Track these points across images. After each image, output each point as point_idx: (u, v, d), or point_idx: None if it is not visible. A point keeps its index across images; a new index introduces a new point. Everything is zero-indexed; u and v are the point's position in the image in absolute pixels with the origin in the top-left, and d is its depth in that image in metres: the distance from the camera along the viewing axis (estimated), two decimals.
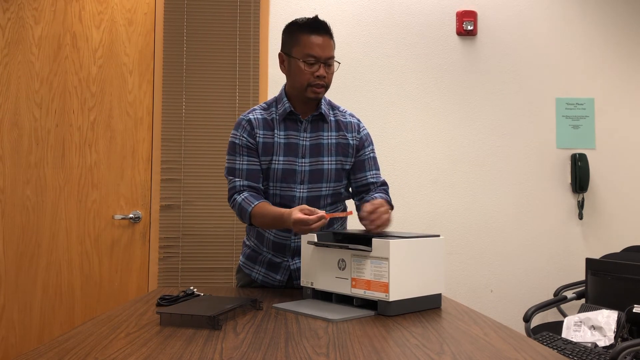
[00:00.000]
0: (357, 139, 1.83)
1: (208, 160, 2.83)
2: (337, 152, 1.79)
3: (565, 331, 2.34)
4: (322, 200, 1.80)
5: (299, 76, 1.73)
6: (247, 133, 1.78)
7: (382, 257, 1.38)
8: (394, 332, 1.22)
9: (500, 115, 3.00)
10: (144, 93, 2.88)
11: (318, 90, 1.72)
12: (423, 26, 2.99)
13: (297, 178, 1.76)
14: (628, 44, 3.06)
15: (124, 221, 2.84)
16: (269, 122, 1.78)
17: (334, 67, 1.76)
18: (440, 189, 2.96)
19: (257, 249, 1.87)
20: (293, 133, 1.78)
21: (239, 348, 1.07)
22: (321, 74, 1.71)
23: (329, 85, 1.76)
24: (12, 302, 2.77)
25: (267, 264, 1.85)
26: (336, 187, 1.82)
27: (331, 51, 1.73)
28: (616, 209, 3.01)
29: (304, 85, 1.72)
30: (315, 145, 1.78)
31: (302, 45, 1.71)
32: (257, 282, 1.87)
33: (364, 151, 1.85)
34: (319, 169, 1.77)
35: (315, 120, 1.80)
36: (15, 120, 2.83)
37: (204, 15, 2.88)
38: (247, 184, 1.75)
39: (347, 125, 1.83)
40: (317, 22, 1.73)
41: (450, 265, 2.94)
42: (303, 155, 1.77)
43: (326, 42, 1.71)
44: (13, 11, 2.85)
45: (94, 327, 1.25)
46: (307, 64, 1.71)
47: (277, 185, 1.77)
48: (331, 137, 1.80)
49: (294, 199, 1.76)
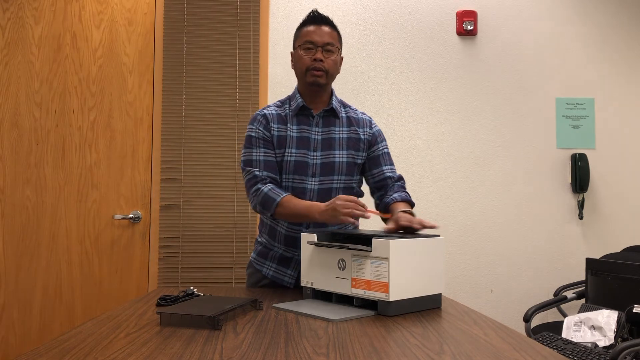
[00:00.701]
0: (369, 134, 1.87)
1: (208, 160, 2.83)
2: (348, 146, 1.82)
3: (565, 331, 2.34)
4: (334, 193, 1.81)
5: (299, 63, 1.80)
6: (262, 126, 1.81)
7: (382, 257, 1.38)
8: (394, 332, 1.22)
9: (500, 115, 3.00)
10: (144, 93, 2.88)
11: (317, 73, 1.76)
12: (423, 26, 3.00)
13: (308, 170, 1.79)
14: (628, 44, 3.06)
15: (124, 221, 2.84)
16: (283, 117, 1.82)
17: (335, 55, 1.79)
18: (440, 189, 2.96)
19: (269, 245, 1.89)
20: (305, 127, 1.81)
21: (239, 348, 1.07)
22: (318, 57, 1.75)
23: (330, 72, 1.79)
24: (12, 302, 2.77)
25: (278, 259, 1.86)
26: (347, 180, 1.83)
27: (329, 38, 1.78)
28: (616, 209, 3.01)
29: (304, 70, 1.78)
30: (327, 140, 1.81)
31: (301, 36, 1.80)
32: (268, 277, 1.88)
33: (377, 147, 1.88)
34: (330, 162, 1.80)
35: (327, 116, 1.83)
36: (15, 120, 2.83)
37: (204, 15, 2.88)
38: (267, 174, 1.77)
39: (358, 121, 1.87)
40: (315, 15, 1.80)
41: (450, 265, 2.94)
42: (315, 148, 1.80)
43: (323, 30, 1.78)
44: (13, 11, 2.85)
45: (94, 327, 1.25)
46: (305, 50, 1.78)
47: (289, 177, 1.79)
48: (342, 132, 1.83)
49: (306, 191, 1.79)
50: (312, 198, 1.79)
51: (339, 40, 1.83)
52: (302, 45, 1.78)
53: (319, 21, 1.79)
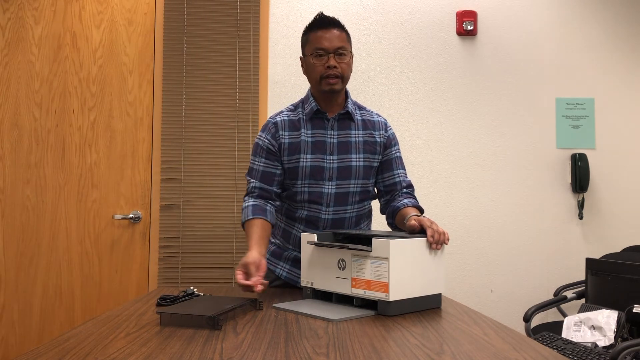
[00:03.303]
0: (385, 136, 1.85)
1: (208, 160, 2.83)
2: (364, 150, 1.81)
3: (565, 331, 2.34)
4: (351, 197, 1.80)
5: (313, 71, 1.76)
6: (270, 135, 1.80)
7: (382, 257, 1.38)
8: (394, 332, 1.22)
9: (500, 115, 3.00)
10: (144, 93, 2.88)
11: (332, 82, 1.73)
12: (423, 26, 3.00)
13: (325, 175, 1.77)
14: (628, 44, 3.06)
15: (124, 221, 2.84)
16: (296, 123, 1.80)
17: (347, 58, 1.76)
18: (440, 189, 2.96)
19: (283, 246, 1.88)
20: (320, 131, 1.79)
21: (239, 348, 1.07)
22: (331, 63, 1.72)
23: (345, 77, 1.76)
24: (12, 302, 2.77)
25: (293, 261, 1.86)
26: (364, 184, 1.82)
27: (339, 42, 1.73)
28: (616, 209, 3.00)
29: (318, 79, 1.75)
30: (343, 143, 1.79)
31: (311, 42, 1.76)
32: (282, 278, 1.87)
33: (390, 150, 1.86)
34: (347, 166, 1.78)
35: (342, 119, 1.81)
36: (15, 120, 2.83)
37: (204, 15, 2.88)
38: (259, 185, 1.78)
39: (374, 124, 1.85)
40: (322, 18, 1.76)
41: (450, 265, 2.94)
42: (331, 152, 1.78)
43: (333, 34, 1.73)
44: (13, 11, 2.85)
45: (94, 327, 1.24)
46: (317, 57, 1.74)
47: (306, 182, 1.78)
48: (358, 135, 1.81)
49: (323, 195, 1.78)
50: (330, 202, 1.78)
51: (349, 41, 1.79)
52: (313, 53, 1.74)
53: (326, 24, 1.75)
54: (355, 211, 1.83)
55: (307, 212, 1.79)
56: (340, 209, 1.79)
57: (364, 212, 1.87)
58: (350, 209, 1.81)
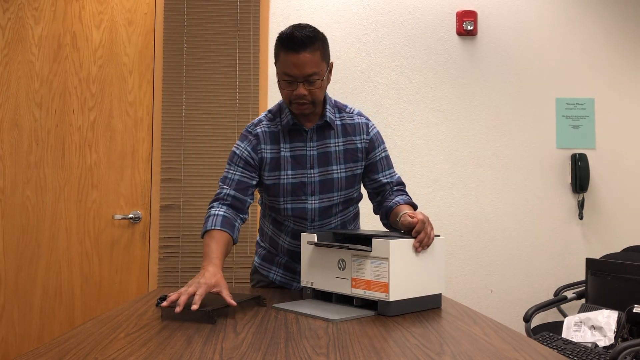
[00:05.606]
0: (366, 140, 1.76)
1: (208, 160, 2.83)
2: (345, 160, 1.73)
3: (566, 331, 2.34)
4: (334, 208, 1.76)
5: (282, 93, 1.66)
6: (251, 147, 1.71)
7: (382, 257, 1.38)
8: (394, 332, 1.22)
9: (500, 115, 3.00)
10: (144, 93, 2.88)
11: (302, 108, 1.64)
12: (423, 26, 3.00)
13: (307, 190, 1.72)
14: (628, 44, 3.06)
15: (124, 221, 2.84)
16: (276, 135, 1.72)
17: (319, 83, 1.62)
18: (440, 189, 2.96)
19: (273, 251, 1.86)
20: (299, 145, 1.72)
21: (239, 348, 1.07)
22: (299, 93, 1.60)
23: (317, 101, 1.65)
24: (12, 302, 2.77)
25: (284, 267, 1.85)
26: (348, 193, 1.78)
27: (310, 68, 1.58)
28: (616, 209, 3.00)
29: (287, 101, 1.66)
30: (323, 154, 1.73)
31: (281, 63, 1.62)
32: (276, 282, 1.86)
33: (374, 153, 1.78)
34: (329, 179, 1.73)
35: (321, 128, 1.72)
36: (15, 120, 2.83)
37: (204, 15, 2.88)
38: (233, 193, 1.68)
39: (354, 128, 1.76)
40: (293, 39, 1.56)
41: (450, 265, 2.94)
42: (312, 165, 1.72)
43: (303, 60, 1.56)
44: (13, 11, 2.85)
45: (94, 327, 1.24)
46: (286, 83, 1.62)
47: (288, 199, 1.73)
48: (339, 144, 1.74)
49: (307, 210, 1.73)
50: (314, 217, 1.74)
51: (324, 58, 1.63)
52: (282, 78, 1.62)
53: (296, 47, 1.56)
54: (340, 219, 1.80)
55: (293, 225, 1.76)
56: (325, 222, 1.76)
57: (348, 218, 1.84)
58: (335, 219, 1.78)
